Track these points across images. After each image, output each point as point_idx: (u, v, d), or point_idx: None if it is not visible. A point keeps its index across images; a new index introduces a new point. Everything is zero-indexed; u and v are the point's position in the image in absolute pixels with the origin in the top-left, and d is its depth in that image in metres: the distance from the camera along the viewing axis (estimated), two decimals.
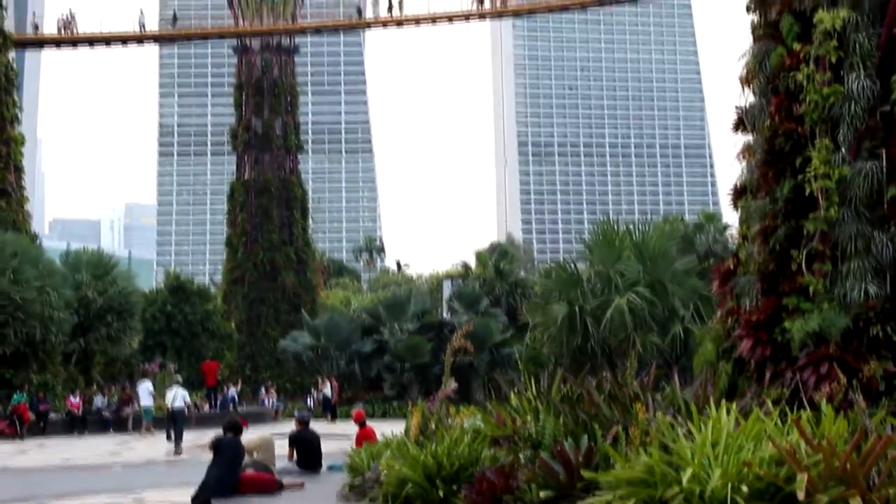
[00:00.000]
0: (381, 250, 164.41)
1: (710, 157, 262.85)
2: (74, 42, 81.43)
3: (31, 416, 43.86)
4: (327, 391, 57.24)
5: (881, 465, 9.60)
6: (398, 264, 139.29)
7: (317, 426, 28.65)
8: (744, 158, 17.54)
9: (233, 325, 72.43)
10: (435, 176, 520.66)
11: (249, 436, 22.62)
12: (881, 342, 15.06)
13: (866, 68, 15.74)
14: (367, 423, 26.34)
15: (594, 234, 41.57)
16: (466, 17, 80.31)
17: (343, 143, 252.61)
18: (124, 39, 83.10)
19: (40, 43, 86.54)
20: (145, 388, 43.68)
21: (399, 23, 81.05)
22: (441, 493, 14.40)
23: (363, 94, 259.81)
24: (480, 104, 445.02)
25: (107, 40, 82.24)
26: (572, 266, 41.05)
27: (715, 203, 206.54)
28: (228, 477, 18.78)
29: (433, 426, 17.75)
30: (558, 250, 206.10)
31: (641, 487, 10.38)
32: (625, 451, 11.97)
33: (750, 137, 17.40)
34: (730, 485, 9.69)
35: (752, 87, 17.34)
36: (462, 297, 64.73)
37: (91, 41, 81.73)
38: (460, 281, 72.42)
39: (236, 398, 58.02)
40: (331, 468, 23.06)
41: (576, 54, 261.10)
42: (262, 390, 64.40)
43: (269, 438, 23.21)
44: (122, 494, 20.02)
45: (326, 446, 24.91)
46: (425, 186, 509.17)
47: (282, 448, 23.73)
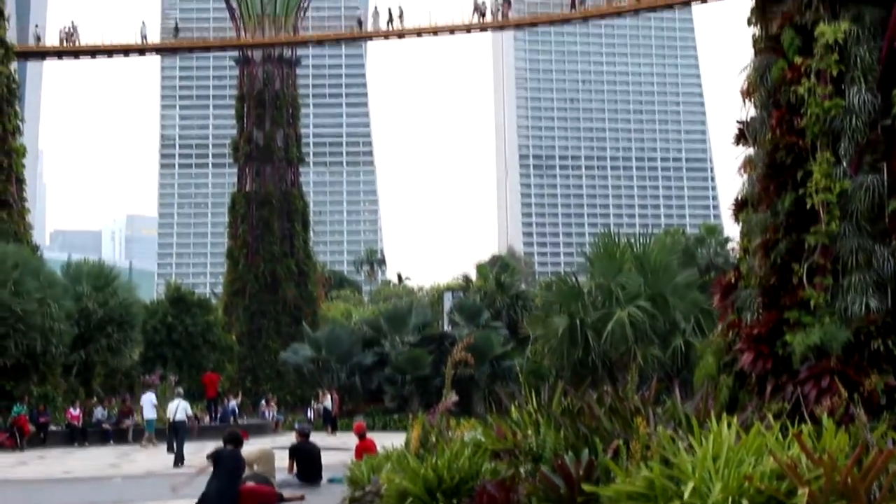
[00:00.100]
0: (382, 262, 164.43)
1: (711, 170, 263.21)
2: (76, 53, 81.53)
3: (31, 427, 43.87)
4: (328, 403, 57.24)
5: (882, 479, 9.57)
6: (399, 276, 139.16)
7: (317, 438, 28.64)
8: (745, 171, 17.54)
9: (233, 336, 72.43)
10: (436, 188, 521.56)
11: (249, 448, 22.59)
12: (882, 356, 15.03)
13: (867, 82, 15.74)
14: (368, 435, 26.31)
15: (595, 247, 41.69)
16: (468, 28, 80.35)
17: (344, 154, 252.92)
18: (126, 50, 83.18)
19: (42, 54, 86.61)
20: (148, 400, 43.65)
21: (401, 34, 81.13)
22: None
23: (365, 106, 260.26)
24: (482, 116, 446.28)
25: (109, 51, 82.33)
26: (573, 279, 41.15)
27: (716, 216, 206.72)
28: (228, 489, 18.73)
29: (434, 439, 17.70)
30: (559, 263, 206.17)
31: (642, 501, 10.35)
32: (626, 464, 11.93)
33: (751, 150, 17.39)
34: (731, 499, 9.66)
35: (753, 100, 17.34)
36: (463, 309, 64.75)
37: (93, 52, 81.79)
38: (461, 293, 72.49)
39: (237, 410, 58.02)
40: (331, 481, 23.03)
41: (577, 66, 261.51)
42: (263, 402, 64.39)
43: (270, 451, 23.19)
44: None
45: (327, 459, 24.88)
46: (426, 198, 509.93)
47: (282, 460, 23.71)
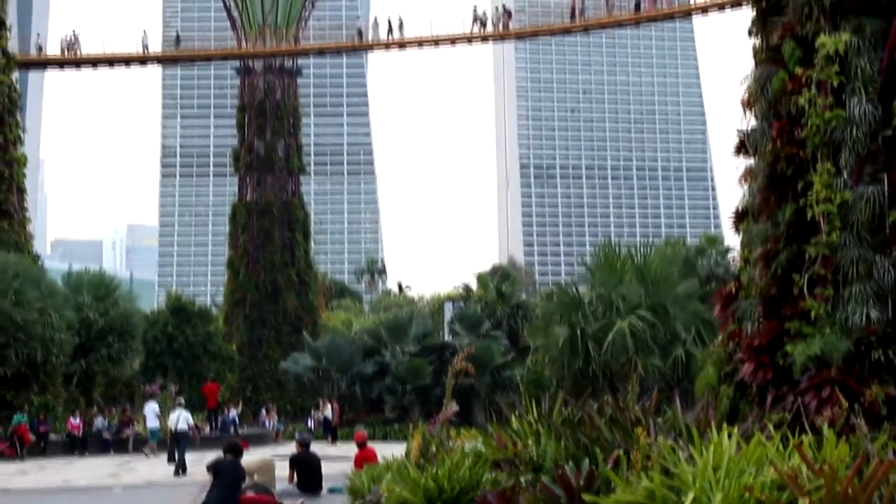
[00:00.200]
0: (382, 272, 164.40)
1: (711, 181, 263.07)
2: (78, 63, 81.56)
3: (31, 437, 43.85)
4: (328, 413, 57.18)
5: (883, 490, 9.56)
6: (400, 286, 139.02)
7: (317, 448, 28.61)
8: (745, 182, 17.56)
9: (234, 346, 72.39)
10: (437, 198, 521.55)
11: (250, 458, 22.59)
12: (883, 366, 15.04)
13: (868, 93, 15.76)
14: (369, 444, 26.29)
15: (596, 257, 41.69)
16: (468, 39, 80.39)
17: (345, 164, 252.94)
18: (127, 61, 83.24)
19: (44, 64, 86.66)
20: (151, 409, 43.66)
21: (402, 45, 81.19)
22: None
23: (365, 116, 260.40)
24: (482, 126, 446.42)
25: (110, 61, 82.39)
26: (574, 289, 41.15)
27: (716, 226, 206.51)
28: (228, 499, 18.73)
29: (434, 449, 17.71)
30: (560, 273, 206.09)
31: None
32: (626, 474, 11.93)
33: (751, 161, 17.41)
34: None
35: (753, 110, 17.36)
36: (463, 319, 64.73)
37: (94, 62, 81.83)
38: (462, 303, 72.49)
39: (237, 420, 57.95)
40: (331, 490, 23.02)
41: (578, 77, 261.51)
42: (263, 412, 64.29)
43: (270, 460, 23.18)
44: None
45: (327, 468, 24.85)
46: (427, 208, 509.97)
47: (282, 470, 23.68)
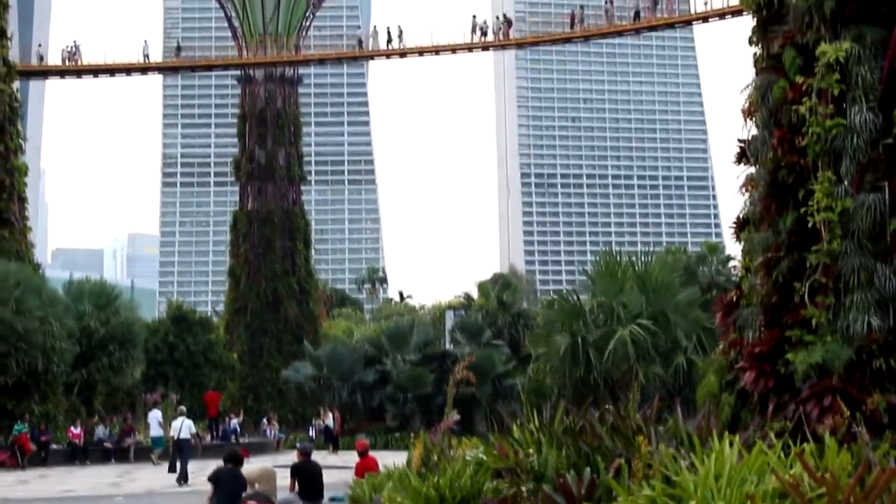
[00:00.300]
0: (383, 280, 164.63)
1: (712, 189, 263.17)
2: (79, 72, 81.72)
3: (32, 446, 43.77)
4: (329, 422, 57.16)
5: (885, 498, 9.55)
6: (401, 295, 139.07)
7: (318, 457, 28.55)
8: (746, 190, 17.57)
9: (235, 355, 72.29)
10: (438, 206, 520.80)
11: (251, 467, 22.55)
12: (884, 374, 15.04)
13: (868, 101, 15.77)
14: (370, 453, 26.26)
15: (597, 266, 41.69)
16: (469, 48, 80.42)
17: (346, 173, 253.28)
18: (128, 70, 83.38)
19: (45, 73, 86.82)
20: (154, 418, 43.64)
21: (402, 54, 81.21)
22: None
23: (366, 125, 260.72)
24: (483, 135, 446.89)
25: (111, 70, 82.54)
26: (575, 297, 41.12)
27: (718, 234, 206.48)
28: None
29: (435, 458, 17.69)
30: (561, 281, 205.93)
31: None
32: (627, 483, 11.92)
33: (752, 169, 17.42)
34: None
35: (754, 119, 17.38)
36: (465, 328, 64.70)
37: (95, 71, 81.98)
38: (463, 312, 72.46)
39: (238, 429, 57.89)
40: (332, 500, 22.96)
41: (579, 86, 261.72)
42: (264, 421, 64.23)
43: (271, 469, 23.14)
44: None
45: (328, 477, 24.78)
46: (428, 217, 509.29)
47: (283, 479, 23.63)
